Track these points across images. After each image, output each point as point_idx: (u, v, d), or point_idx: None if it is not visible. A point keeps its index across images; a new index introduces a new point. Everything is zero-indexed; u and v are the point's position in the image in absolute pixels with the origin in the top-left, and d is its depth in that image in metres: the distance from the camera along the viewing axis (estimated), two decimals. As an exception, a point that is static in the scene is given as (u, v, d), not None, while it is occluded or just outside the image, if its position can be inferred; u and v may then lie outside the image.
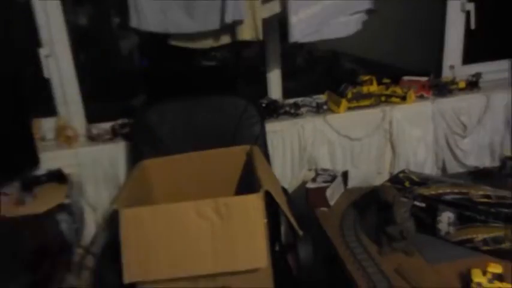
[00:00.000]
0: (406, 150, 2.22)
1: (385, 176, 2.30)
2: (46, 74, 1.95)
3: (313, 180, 1.73)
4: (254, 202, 1.18)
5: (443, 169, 2.33)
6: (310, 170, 2.18)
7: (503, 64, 2.44)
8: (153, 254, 1.20)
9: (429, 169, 2.28)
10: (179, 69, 2.26)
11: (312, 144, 2.12)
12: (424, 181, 1.64)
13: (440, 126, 2.23)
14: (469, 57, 2.44)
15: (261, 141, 1.79)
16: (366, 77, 2.25)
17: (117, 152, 1.96)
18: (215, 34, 1.68)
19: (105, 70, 2.60)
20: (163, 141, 1.74)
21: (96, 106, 2.29)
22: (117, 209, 1.22)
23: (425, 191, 1.55)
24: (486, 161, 2.31)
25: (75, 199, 1.77)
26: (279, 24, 1.92)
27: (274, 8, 1.69)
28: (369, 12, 1.95)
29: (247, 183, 1.60)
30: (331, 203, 1.70)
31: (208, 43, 1.70)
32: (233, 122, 1.76)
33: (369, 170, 2.22)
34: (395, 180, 1.68)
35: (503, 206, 1.41)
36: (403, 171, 1.72)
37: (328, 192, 1.68)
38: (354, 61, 2.83)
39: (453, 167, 2.30)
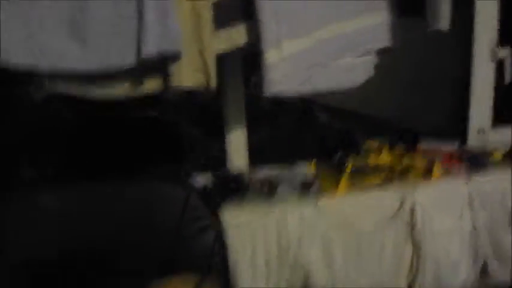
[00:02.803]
0: (434, 248, 1.53)
1: (403, 284, 1.59)
2: None
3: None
4: None
5: (484, 272, 1.63)
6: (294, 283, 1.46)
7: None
8: None
9: (465, 272, 1.58)
10: (97, 124, 1.50)
11: (299, 242, 1.41)
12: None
13: (481, 214, 1.56)
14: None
15: (219, 257, 1.05)
16: (374, 144, 1.59)
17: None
18: (131, 75, 0.99)
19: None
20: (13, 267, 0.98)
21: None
22: None
23: None
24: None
25: None
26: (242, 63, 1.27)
27: (237, 38, 1.03)
28: (381, 52, 1.33)
29: None
30: None
31: (120, 90, 1.00)
32: (169, 228, 1.04)
33: (382, 276, 1.51)
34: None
35: None
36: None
37: None
38: (333, 112, 2.10)
39: (496, 270, 1.61)
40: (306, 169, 1.59)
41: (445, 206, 1.53)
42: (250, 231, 1.37)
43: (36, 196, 1.01)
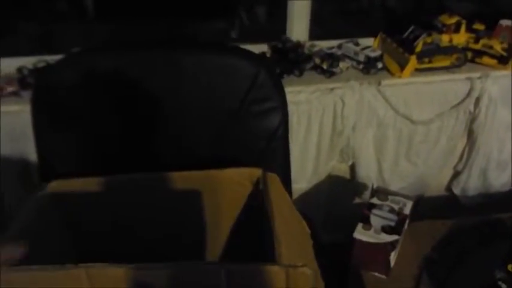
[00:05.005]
0: (489, 143, 1.45)
1: (447, 176, 1.56)
2: None
3: (365, 220, 0.97)
4: None
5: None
6: (342, 162, 1.42)
7: None
8: None
9: (511, 172, 1.54)
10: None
11: (354, 128, 1.32)
12: None
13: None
14: None
15: (280, 142, 0.97)
16: (452, 19, 1.38)
17: (25, 119, 1.12)
18: None
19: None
20: (86, 131, 0.91)
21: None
22: None
23: None
24: None
25: None
26: None
27: None
28: None
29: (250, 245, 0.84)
30: (392, 264, 0.97)
31: None
32: (229, 105, 0.93)
33: (428, 167, 1.46)
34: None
35: None
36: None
37: (393, 254, 0.94)
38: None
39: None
40: (371, 45, 1.41)
41: (509, 97, 1.40)
42: (307, 111, 1.27)
43: (93, 58, 0.88)
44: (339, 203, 1.41)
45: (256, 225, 0.80)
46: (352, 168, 1.40)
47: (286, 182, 1.02)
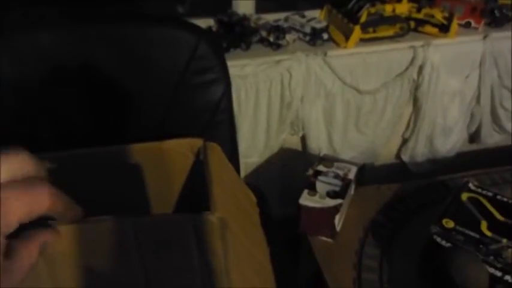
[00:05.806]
0: (434, 109, 1.50)
1: (396, 144, 1.61)
2: None
3: (311, 186, 0.99)
4: None
5: (474, 137, 1.66)
6: (293, 134, 1.43)
7: None
8: None
9: (457, 136, 1.60)
10: None
11: (302, 100, 1.33)
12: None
13: (489, 75, 1.49)
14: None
15: (225, 114, 0.96)
16: (394, -10, 1.40)
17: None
18: None
19: None
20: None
21: None
22: None
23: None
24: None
25: None
26: None
27: None
28: None
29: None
30: (338, 228, 1.00)
31: None
32: (170, 78, 0.91)
33: (377, 136, 1.50)
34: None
35: None
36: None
37: (338, 217, 0.96)
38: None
39: (489, 135, 1.63)
40: (317, 16, 1.41)
41: (455, 64, 1.45)
42: (255, 84, 1.27)
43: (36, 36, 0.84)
44: (292, 175, 1.42)
45: (200, 196, 0.79)
46: (303, 140, 1.42)
47: (234, 154, 1.02)
